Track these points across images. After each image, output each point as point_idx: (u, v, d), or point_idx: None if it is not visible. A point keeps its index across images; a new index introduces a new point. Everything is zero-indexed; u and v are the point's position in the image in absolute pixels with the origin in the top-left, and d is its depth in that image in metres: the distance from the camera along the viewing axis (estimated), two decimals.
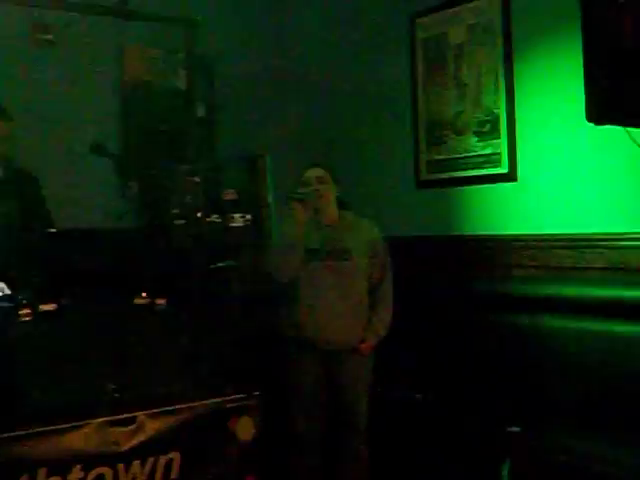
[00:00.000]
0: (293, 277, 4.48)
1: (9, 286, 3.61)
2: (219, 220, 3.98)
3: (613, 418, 4.11)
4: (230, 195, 4.02)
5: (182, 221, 3.99)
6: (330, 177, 4.59)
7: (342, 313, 4.47)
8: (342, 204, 4.70)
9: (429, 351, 5.01)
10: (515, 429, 4.21)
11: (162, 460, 3.28)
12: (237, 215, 3.99)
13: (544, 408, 4.41)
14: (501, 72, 5.02)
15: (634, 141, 3.84)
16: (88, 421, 3.13)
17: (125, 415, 3.22)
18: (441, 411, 4.82)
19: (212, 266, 4.07)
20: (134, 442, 3.22)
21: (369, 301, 4.58)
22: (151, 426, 3.26)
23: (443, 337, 5.02)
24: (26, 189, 4.32)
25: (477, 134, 5.18)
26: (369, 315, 4.57)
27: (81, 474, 3.12)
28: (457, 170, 5.30)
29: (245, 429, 3.41)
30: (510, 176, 4.99)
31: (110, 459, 3.17)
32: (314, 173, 4.58)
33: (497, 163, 5.06)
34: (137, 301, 3.49)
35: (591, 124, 3.64)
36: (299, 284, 4.50)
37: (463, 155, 5.26)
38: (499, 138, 5.04)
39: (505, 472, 4.05)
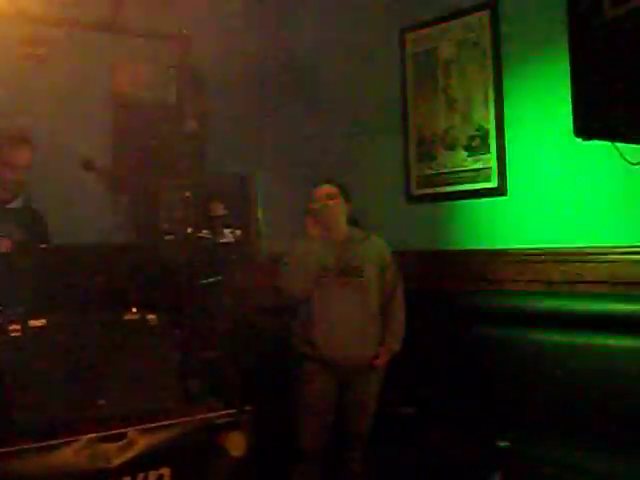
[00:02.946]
0: (306, 293, 4.50)
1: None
2: (209, 235, 3.98)
3: (604, 431, 4.12)
4: (220, 210, 4.02)
5: (172, 236, 3.99)
6: (340, 194, 4.63)
7: (356, 329, 4.51)
8: (353, 221, 4.73)
9: (419, 365, 5.01)
10: (504, 444, 4.21)
11: (152, 476, 3.25)
12: (227, 230, 3.99)
13: (534, 422, 4.42)
14: (491, 87, 5.06)
15: (622, 156, 3.86)
16: (78, 437, 3.12)
17: (115, 431, 3.21)
18: (432, 425, 4.82)
19: (202, 281, 4.07)
20: (124, 458, 3.20)
21: (381, 316, 4.61)
22: (141, 442, 3.24)
23: (432, 351, 5.02)
24: (37, 230, 4.36)
25: (467, 149, 5.20)
26: (382, 330, 4.59)
27: None
28: (447, 185, 5.33)
29: (236, 444, 3.40)
30: (500, 190, 5.01)
31: (100, 475, 3.15)
32: (324, 190, 4.62)
33: (487, 177, 5.08)
34: (127, 317, 3.48)
35: (580, 139, 3.67)
36: (312, 300, 4.52)
37: (453, 170, 5.28)
38: (489, 153, 5.07)
39: None
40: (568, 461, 4.12)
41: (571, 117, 3.64)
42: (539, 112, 4.80)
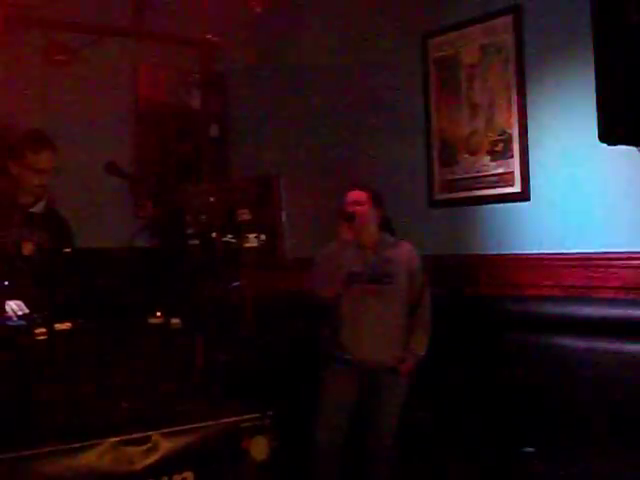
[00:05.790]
0: (336, 295, 4.54)
1: (26, 304, 3.63)
2: (233, 240, 3.99)
3: (628, 438, 4.10)
4: (244, 215, 4.03)
5: (196, 241, 4.00)
6: (371, 199, 4.64)
7: (383, 334, 4.57)
8: (388, 227, 4.75)
9: (440, 370, 5.00)
10: (529, 449, 4.19)
11: (176, 479, 3.28)
12: (251, 235, 4.01)
13: (558, 428, 4.40)
14: (514, 92, 5.03)
15: None
16: (102, 440, 3.14)
17: (139, 434, 3.23)
18: (454, 431, 4.81)
19: (226, 286, 4.09)
20: (148, 461, 3.22)
21: (408, 322, 4.64)
22: (165, 445, 3.26)
23: (453, 356, 5.01)
24: (60, 233, 4.37)
25: (490, 153, 5.18)
26: (408, 336, 4.61)
27: None
28: (470, 189, 5.30)
29: (259, 449, 3.41)
30: (523, 195, 4.99)
31: (124, 478, 3.17)
32: (352, 196, 4.64)
33: (510, 182, 5.06)
34: (151, 320, 3.50)
35: (603, 144, 3.66)
36: (341, 305, 4.58)
37: (476, 174, 5.26)
38: (512, 157, 5.05)
39: None
40: (594, 467, 4.09)
41: (595, 122, 3.63)
42: (562, 117, 4.77)
